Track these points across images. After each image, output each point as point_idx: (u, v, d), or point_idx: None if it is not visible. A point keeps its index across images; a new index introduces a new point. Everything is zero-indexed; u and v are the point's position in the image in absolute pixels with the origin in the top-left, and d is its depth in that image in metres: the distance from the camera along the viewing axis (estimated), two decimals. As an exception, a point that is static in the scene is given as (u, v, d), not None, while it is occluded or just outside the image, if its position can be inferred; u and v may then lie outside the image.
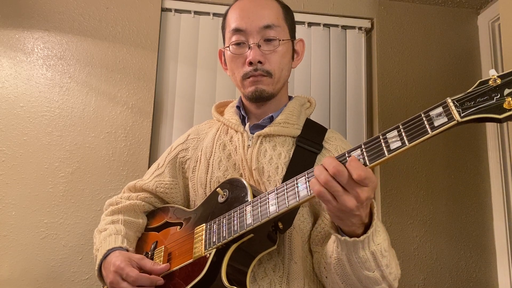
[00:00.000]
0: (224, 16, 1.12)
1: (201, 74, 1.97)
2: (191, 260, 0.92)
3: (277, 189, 0.83)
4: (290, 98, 1.16)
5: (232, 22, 1.06)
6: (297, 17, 1.21)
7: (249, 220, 0.84)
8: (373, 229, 0.76)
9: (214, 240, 0.89)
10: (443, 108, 0.65)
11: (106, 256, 0.98)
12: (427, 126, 0.66)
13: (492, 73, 0.64)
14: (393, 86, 2.08)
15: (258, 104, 1.09)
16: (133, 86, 1.91)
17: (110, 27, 1.94)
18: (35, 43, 1.89)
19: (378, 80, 2.07)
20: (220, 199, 0.95)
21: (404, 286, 1.89)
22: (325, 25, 2.09)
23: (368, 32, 2.16)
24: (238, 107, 1.15)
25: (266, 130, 1.03)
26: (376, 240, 0.78)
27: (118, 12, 1.96)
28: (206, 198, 1.02)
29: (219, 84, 1.97)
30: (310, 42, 2.06)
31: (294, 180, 0.80)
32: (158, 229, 1.09)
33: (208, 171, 1.07)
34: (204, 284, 0.87)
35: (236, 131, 1.08)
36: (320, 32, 2.08)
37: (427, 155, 2.04)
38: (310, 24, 2.08)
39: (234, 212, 0.88)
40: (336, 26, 2.10)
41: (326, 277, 0.92)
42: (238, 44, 1.04)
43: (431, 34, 2.16)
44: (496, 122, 0.63)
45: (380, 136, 0.71)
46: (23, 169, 1.78)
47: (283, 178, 0.97)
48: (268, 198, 0.83)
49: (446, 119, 0.65)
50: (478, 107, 0.63)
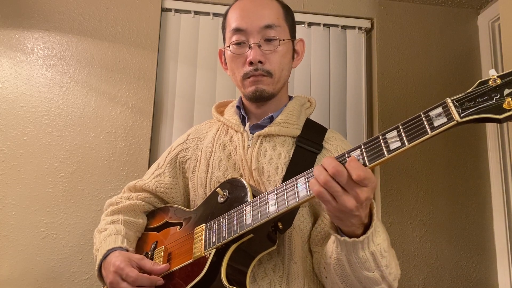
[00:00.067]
0: (224, 16, 1.12)
1: (201, 74, 1.97)
2: (191, 260, 0.92)
3: (276, 189, 0.83)
4: (290, 98, 1.15)
5: (232, 22, 1.05)
6: (297, 17, 1.21)
7: (248, 220, 0.84)
8: (372, 229, 0.76)
9: (214, 240, 0.89)
10: (443, 108, 0.65)
11: (106, 256, 0.98)
12: (427, 126, 0.66)
13: (492, 73, 0.64)
14: (393, 86, 2.08)
15: (258, 104, 1.09)
16: (133, 86, 1.91)
17: (110, 27, 1.94)
18: (35, 43, 1.89)
19: (378, 80, 2.07)
20: (220, 199, 0.95)
21: (404, 286, 1.89)
22: (325, 25, 2.09)
23: (368, 32, 2.16)
24: (238, 107, 1.14)
25: (266, 130, 1.03)
26: (376, 241, 0.78)
27: (118, 12, 1.96)
28: (206, 198, 1.02)
29: (219, 84, 1.97)
30: (310, 42, 2.05)
31: (294, 180, 0.80)
32: (158, 229, 1.09)
33: (208, 171, 1.07)
34: (203, 284, 0.87)
35: (236, 131, 1.08)
36: (320, 32, 2.08)
37: (427, 155, 2.04)
38: (310, 24, 2.08)
39: (233, 212, 0.88)
40: (336, 26, 2.10)
41: (326, 277, 0.92)
42: (238, 44, 1.04)
43: (431, 34, 2.16)
44: (496, 123, 0.63)
45: (379, 136, 0.71)
46: (23, 169, 1.78)
47: (283, 178, 0.97)
48: (268, 199, 0.83)
49: (445, 119, 0.64)
50: (477, 107, 0.63)
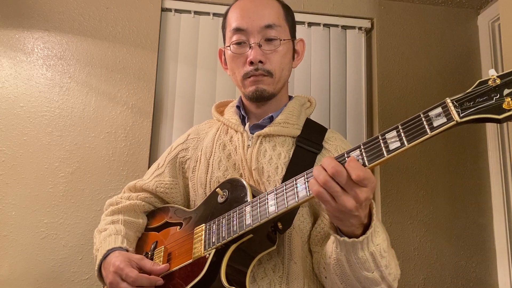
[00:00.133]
0: (224, 15, 1.12)
1: (201, 74, 1.97)
2: (190, 260, 0.92)
3: (276, 189, 0.82)
4: (290, 98, 1.15)
5: (233, 22, 1.05)
6: (297, 17, 1.20)
7: (248, 220, 0.84)
8: (372, 229, 0.76)
9: (214, 240, 0.89)
10: (442, 108, 0.65)
11: (106, 256, 0.98)
12: (426, 127, 0.66)
13: (492, 73, 0.63)
14: (393, 86, 2.08)
15: (258, 104, 1.09)
16: (133, 86, 1.91)
17: (110, 27, 1.94)
18: (35, 43, 1.89)
19: (378, 80, 2.07)
20: (220, 199, 0.95)
21: (404, 286, 1.89)
22: (325, 25, 2.09)
23: (368, 32, 2.16)
24: (238, 107, 1.14)
25: (266, 130, 1.03)
26: (375, 241, 0.78)
27: (118, 12, 1.96)
28: (206, 198, 1.02)
29: (219, 84, 1.97)
30: (310, 42, 2.05)
31: (293, 180, 0.80)
32: (158, 229, 1.09)
33: (208, 171, 1.07)
34: (203, 284, 0.87)
35: (236, 131, 1.08)
36: (320, 32, 2.08)
37: (427, 155, 2.04)
38: (310, 24, 2.08)
39: (233, 213, 0.88)
40: (336, 26, 2.10)
41: (326, 277, 0.92)
42: (239, 43, 1.04)
43: (431, 34, 2.16)
44: (495, 123, 0.62)
45: (379, 136, 0.71)
46: (23, 169, 1.78)
47: (283, 178, 0.97)
48: (268, 199, 0.83)
49: (445, 120, 0.64)
50: (477, 108, 0.63)
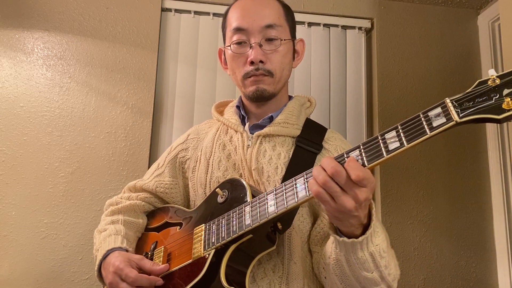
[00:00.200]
0: (224, 15, 1.12)
1: (201, 74, 1.97)
2: (190, 260, 0.92)
3: (276, 189, 0.82)
4: (290, 98, 1.15)
5: (233, 21, 1.05)
6: (297, 17, 1.20)
7: (248, 220, 0.84)
8: (371, 230, 0.76)
9: (213, 240, 0.89)
10: (442, 108, 0.65)
11: (105, 256, 0.98)
12: (426, 127, 0.66)
13: (491, 73, 0.63)
14: (393, 86, 2.08)
15: (258, 104, 1.09)
16: (133, 86, 1.91)
17: (110, 27, 1.94)
18: (35, 43, 1.89)
19: (378, 80, 2.07)
20: (220, 199, 0.95)
21: (404, 286, 1.89)
22: (325, 25, 2.09)
23: (368, 32, 2.16)
24: (238, 106, 1.14)
25: (265, 130, 1.03)
26: (375, 241, 0.78)
27: (118, 12, 1.96)
28: (206, 198, 1.02)
29: (219, 84, 1.97)
30: (310, 42, 2.05)
31: (293, 180, 0.80)
32: (158, 229, 1.09)
33: (208, 171, 1.07)
34: (203, 284, 0.87)
35: (236, 131, 1.08)
36: (320, 32, 2.08)
37: (427, 155, 2.03)
38: (310, 24, 2.08)
39: (233, 213, 0.88)
40: (336, 26, 2.10)
41: (325, 277, 0.92)
42: (239, 43, 1.04)
43: (431, 34, 2.16)
44: (495, 123, 0.62)
45: (378, 136, 0.71)
46: (23, 169, 1.78)
47: (283, 178, 0.97)
48: (267, 199, 0.83)
49: (444, 120, 0.64)
50: (477, 108, 0.63)
